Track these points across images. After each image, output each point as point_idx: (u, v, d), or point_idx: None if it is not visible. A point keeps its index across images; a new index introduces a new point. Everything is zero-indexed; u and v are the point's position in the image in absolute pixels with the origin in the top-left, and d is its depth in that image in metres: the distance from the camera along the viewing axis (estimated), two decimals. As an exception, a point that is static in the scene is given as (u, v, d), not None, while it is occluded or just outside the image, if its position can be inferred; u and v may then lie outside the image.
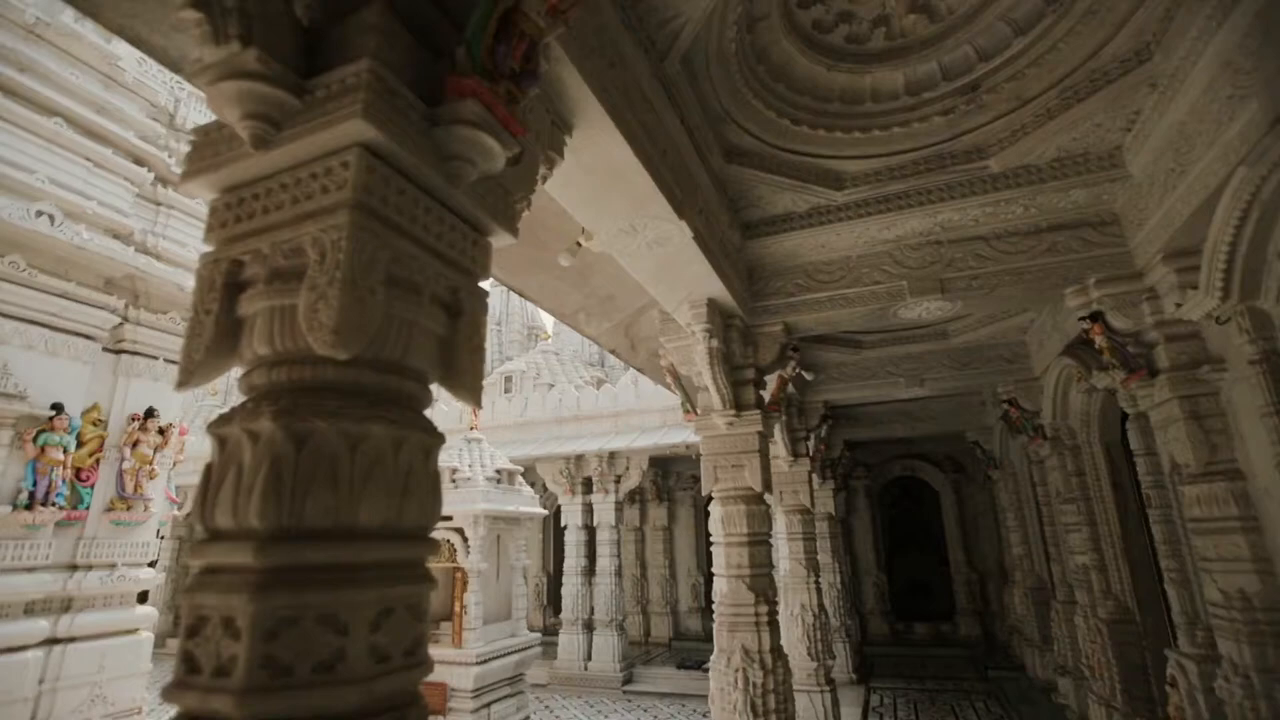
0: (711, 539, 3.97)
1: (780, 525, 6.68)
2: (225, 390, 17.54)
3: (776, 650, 3.59)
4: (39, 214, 5.31)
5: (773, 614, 3.62)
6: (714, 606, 3.76)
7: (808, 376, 5.86)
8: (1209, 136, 2.45)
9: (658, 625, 12.77)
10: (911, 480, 12.37)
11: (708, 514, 4.65)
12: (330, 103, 1.00)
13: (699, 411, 4.11)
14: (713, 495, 3.95)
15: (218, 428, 0.96)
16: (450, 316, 1.18)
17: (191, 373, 1.02)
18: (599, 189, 2.39)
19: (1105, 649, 4.66)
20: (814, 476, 6.89)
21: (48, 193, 5.52)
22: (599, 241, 2.86)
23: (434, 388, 1.19)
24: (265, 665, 0.82)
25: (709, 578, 11.66)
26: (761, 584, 3.67)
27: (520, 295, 3.44)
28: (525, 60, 1.21)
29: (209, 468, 0.95)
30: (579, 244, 2.94)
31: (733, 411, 3.84)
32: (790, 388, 5.94)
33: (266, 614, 0.83)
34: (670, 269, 3.12)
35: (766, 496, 3.99)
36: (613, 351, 4.65)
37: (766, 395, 4.18)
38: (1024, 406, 5.88)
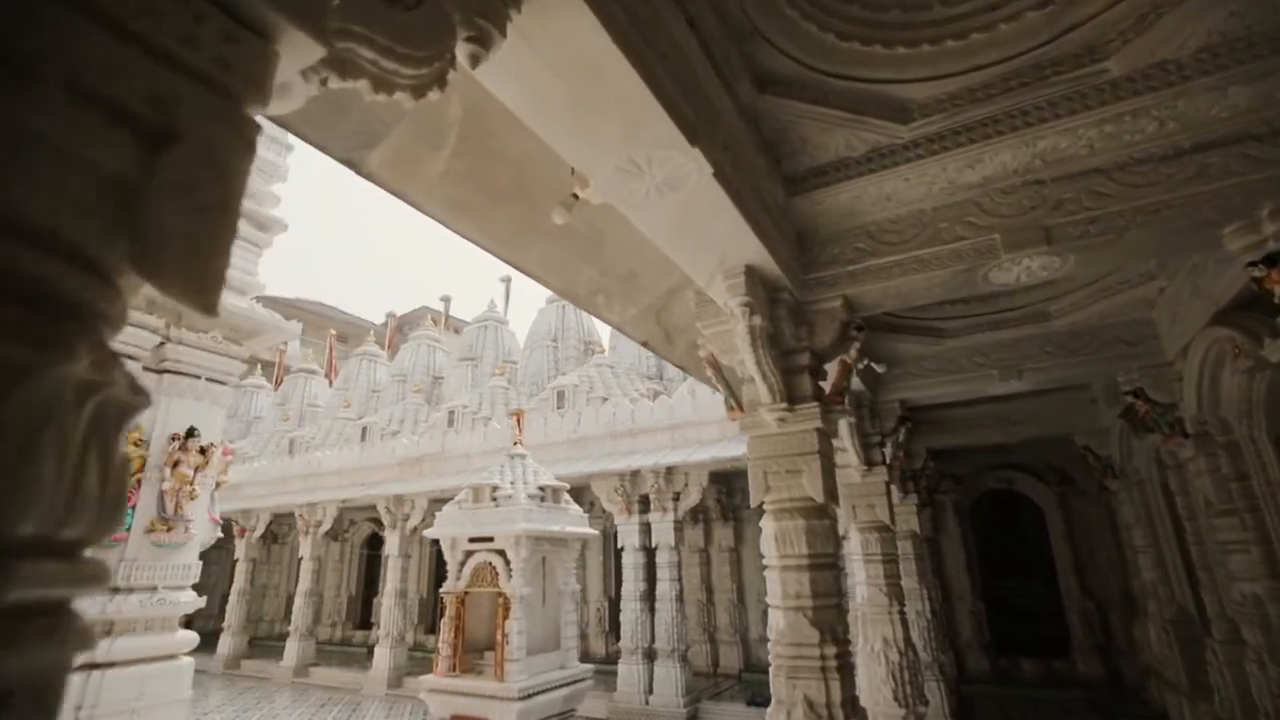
0: (765, 561, 3.27)
1: (854, 545, 5.82)
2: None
3: (850, 703, 2.83)
4: (76, 234, 5.33)
5: (843, 656, 2.87)
6: (769, 645, 3.05)
7: (878, 368, 5.06)
8: None
9: (726, 655, 11.85)
10: (1007, 494, 10.98)
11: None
12: None
13: (744, 408, 3.45)
14: (764, 508, 3.26)
15: None
16: (147, 146, 0.63)
17: None
18: (577, 100, 1.83)
19: (1298, 707, 3.57)
20: (893, 489, 5.99)
21: (88, 214, 5.57)
22: (597, 188, 2.30)
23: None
24: None
25: (780, 603, 10.66)
26: (827, 618, 2.93)
27: (520, 271, 2.93)
28: None
29: None
30: (575, 195, 2.38)
31: (784, 405, 3.16)
32: (859, 382, 5.15)
33: None
34: (692, 223, 2.52)
35: (832, 509, 3.26)
36: (645, 344, 4.06)
37: (827, 386, 3.46)
38: (1154, 398, 4.82)
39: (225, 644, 14.11)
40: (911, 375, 5.51)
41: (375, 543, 15.77)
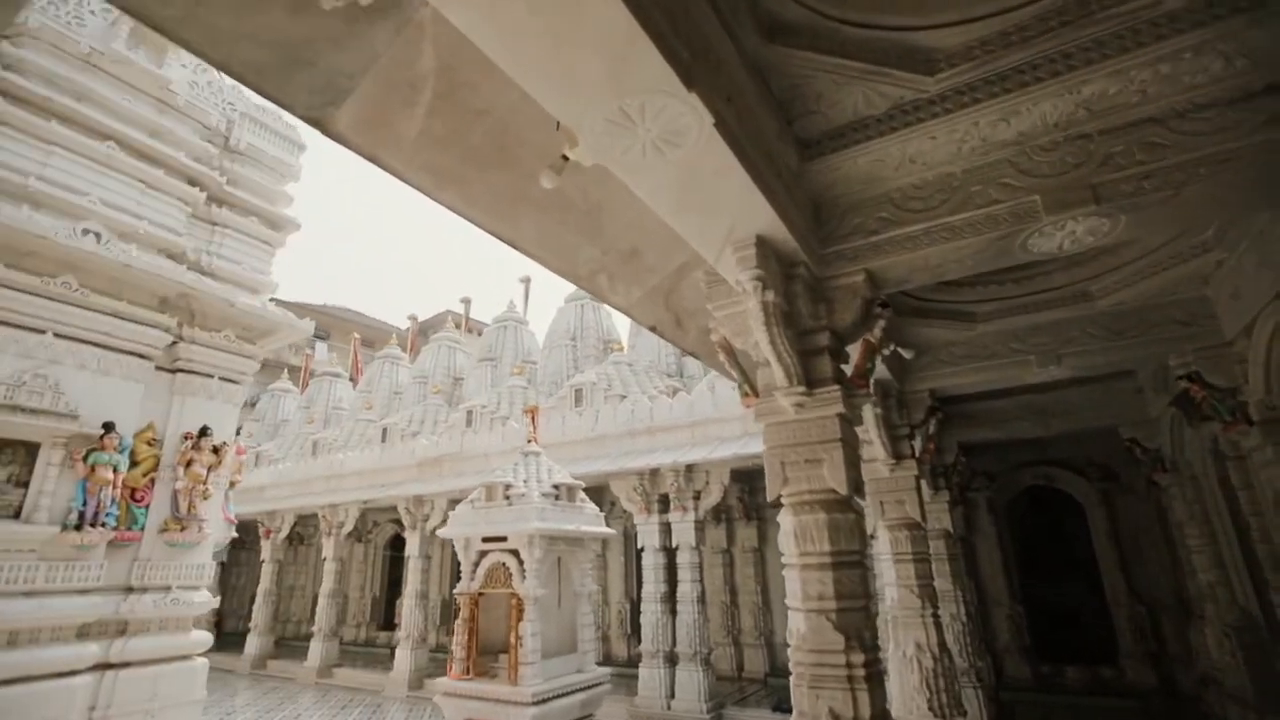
0: (784, 559, 3.01)
1: (883, 544, 5.50)
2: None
3: (881, 717, 2.57)
4: (85, 232, 5.31)
5: (872, 665, 2.61)
6: (789, 651, 2.80)
7: (905, 354, 4.75)
8: None
9: (751, 659, 11.53)
10: (1045, 491, 10.46)
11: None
12: None
13: (759, 393, 3.20)
14: (781, 501, 3.00)
15: None
16: None
17: None
18: (554, 33, 1.62)
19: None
20: (923, 484, 5.66)
21: (98, 213, 5.55)
22: (587, 146, 2.09)
23: None
24: None
25: (807, 606, 10.28)
26: (853, 621, 2.67)
27: (514, 247, 2.73)
28: None
29: None
30: (564, 156, 2.18)
31: (802, 389, 2.90)
32: (885, 371, 4.85)
33: None
34: (696, 187, 2.29)
35: (857, 502, 2.99)
36: (653, 329, 3.84)
37: (849, 369, 3.20)
38: (1212, 383, 4.43)
39: (252, 644, 14.25)
40: (941, 363, 5.18)
41: (398, 544, 15.80)
